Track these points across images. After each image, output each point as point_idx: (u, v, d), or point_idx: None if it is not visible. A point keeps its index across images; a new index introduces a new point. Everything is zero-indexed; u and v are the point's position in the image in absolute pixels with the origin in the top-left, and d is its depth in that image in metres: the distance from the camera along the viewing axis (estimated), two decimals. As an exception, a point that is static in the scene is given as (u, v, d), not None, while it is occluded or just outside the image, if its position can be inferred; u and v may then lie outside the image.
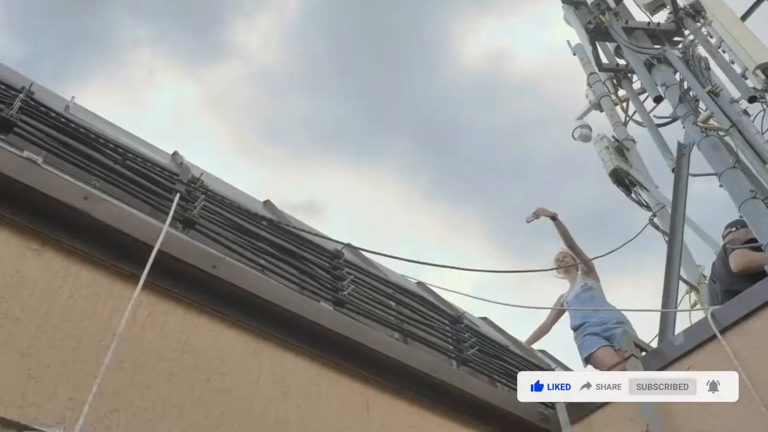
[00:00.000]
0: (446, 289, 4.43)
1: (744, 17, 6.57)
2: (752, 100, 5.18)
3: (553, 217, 5.14)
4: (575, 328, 5.08)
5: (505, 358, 4.00)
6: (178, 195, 2.85)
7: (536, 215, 5.17)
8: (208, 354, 2.31)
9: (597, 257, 5.57)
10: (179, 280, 2.36)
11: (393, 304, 3.62)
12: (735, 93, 5.34)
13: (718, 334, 2.78)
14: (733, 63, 5.90)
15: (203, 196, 3.07)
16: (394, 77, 20.46)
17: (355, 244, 3.73)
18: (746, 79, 5.80)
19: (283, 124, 20.27)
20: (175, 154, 3.90)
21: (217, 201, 3.19)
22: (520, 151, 20.41)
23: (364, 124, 20.60)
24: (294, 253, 3.27)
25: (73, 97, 3.67)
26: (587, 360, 4.92)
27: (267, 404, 2.35)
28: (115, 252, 2.24)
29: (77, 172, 2.60)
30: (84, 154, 2.73)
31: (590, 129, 6.48)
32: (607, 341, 4.83)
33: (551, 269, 5.61)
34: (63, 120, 2.83)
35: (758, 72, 5.87)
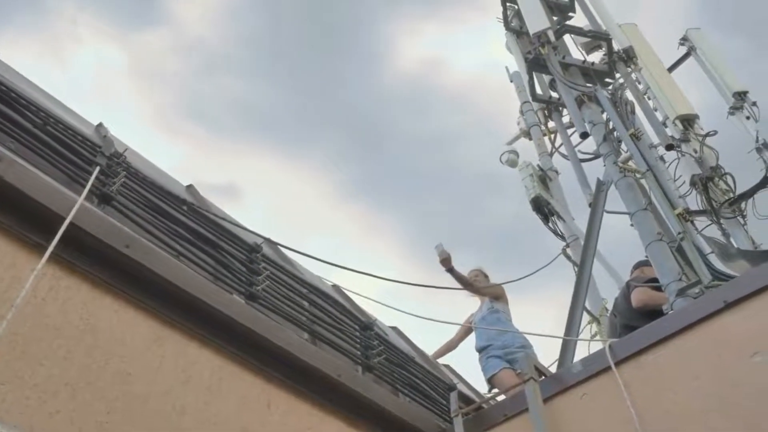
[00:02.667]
0: (361, 296, 4.47)
1: (671, 69, 6.95)
2: (669, 147, 5.46)
3: (449, 269, 5.24)
4: (480, 350, 5.25)
5: (409, 369, 4.05)
6: (98, 168, 2.76)
7: (444, 253, 5.24)
8: (109, 335, 2.24)
9: (508, 282, 5.77)
10: (89, 257, 2.27)
11: (306, 304, 3.60)
12: (654, 139, 5.62)
13: (613, 366, 2.91)
14: (656, 110, 6.22)
15: (124, 172, 2.97)
16: (329, 71, 20.40)
17: (272, 234, 3.73)
18: (666, 127, 6.13)
19: (211, 103, 19.85)
20: (100, 125, 3.76)
21: (139, 179, 3.10)
22: (445, 161, 20.75)
23: (293, 114, 20.44)
24: (212, 241, 3.21)
25: (-4, 53, 3.49)
26: (490, 381, 5.08)
27: (166, 392, 2.29)
28: (23, 219, 2.14)
29: (-8, 132, 2.47)
30: (2, 113, 2.60)
31: (517, 155, 6.69)
32: (509, 364, 5.00)
33: (462, 288, 5.74)
34: (-17, 75, 2.69)
35: (677, 122, 6.23)
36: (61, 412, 1.97)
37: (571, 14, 7.00)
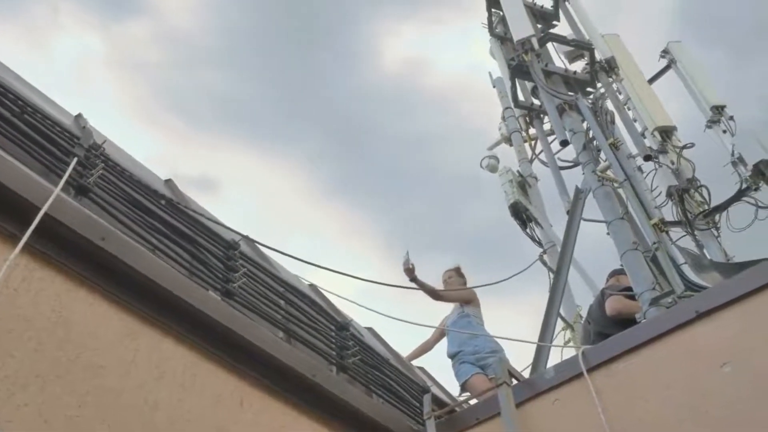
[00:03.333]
0: (338, 296, 4.47)
1: (651, 80, 7.05)
2: (647, 158, 5.53)
3: (413, 279, 5.27)
4: (451, 356, 5.28)
5: (384, 371, 4.05)
6: (75, 159, 2.72)
7: (407, 263, 5.27)
8: (82, 328, 2.21)
9: (483, 285, 5.79)
10: (63, 248, 2.24)
11: (282, 302, 3.59)
12: (633, 149, 5.69)
13: (585, 373, 2.94)
14: (635, 121, 6.30)
15: (102, 164, 2.94)
16: (311, 67, 20.33)
17: (249, 229, 3.73)
18: (645, 138, 6.21)
19: (191, 95, 19.69)
20: (79, 116, 3.71)
21: (117, 172, 3.07)
22: (425, 162, 20.80)
23: (273, 110, 20.34)
24: (189, 237, 3.19)
25: (-26, 39, 3.43)
26: (463, 386, 5.11)
27: (138, 387, 2.27)
28: (-3, 208, 2.11)
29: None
30: (-21, 100, 2.56)
31: (498, 161, 6.73)
32: (481, 369, 5.03)
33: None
34: (-40, 60, 2.64)
35: (656, 133, 6.31)
36: (29, 405, 1.94)
37: (555, 22, 7.07)
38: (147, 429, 2.23)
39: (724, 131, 6.26)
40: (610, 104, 6.02)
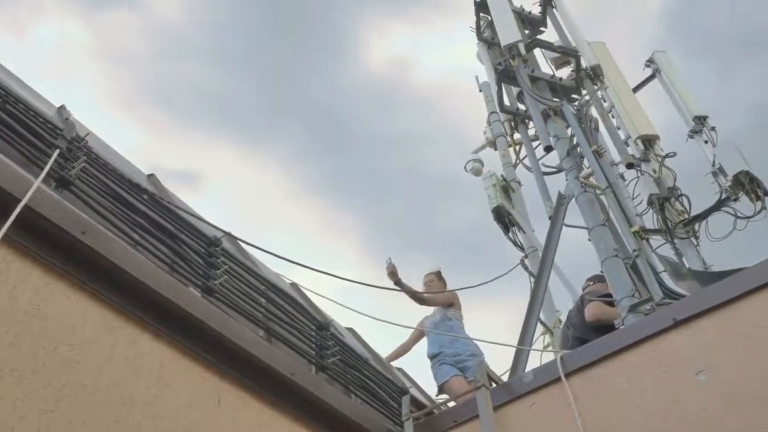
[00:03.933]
0: (319, 295, 4.46)
1: (636, 89, 7.11)
2: (630, 166, 5.58)
3: (396, 282, 5.30)
4: (431, 357, 5.30)
5: (363, 371, 4.05)
6: (57, 151, 2.70)
7: (390, 267, 5.31)
8: (59, 322, 2.19)
9: (464, 288, 5.81)
10: (43, 241, 2.22)
11: (263, 301, 3.58)
12: (616, 157, 5.73)
13: (563, 377, 2.96)
14: (619, 129, 6.35)
15: (85, 157, 2.91)
16: (297, 64, 20.16)
17: (231, 226, 3.73)
18: (628, 146, 6.26)
19: (174, 89, 19.45)
20: (62, 108, 3.68)
21: (99, 165, 3.04)
22: (408, 163, 20.73)
23: (256, 105, 20.15)
24: (171, 233, 3.17)
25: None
26: (441, 388, 5.13)
27: (115, 382, 2.25)
28: (-24, 199, 2.09)
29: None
30: (-40, 88, 2.53)
31: (482, 164, 6.75)
32: (461, 372, 5.06)
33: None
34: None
35: (639, 142, 6.37)
36: (4, 399, 1.92)
37: (542, 29, 7.12)
38: (123, 425, 2.21)
39: (706, 142, 6.33)
40: (594, 111, 6.07)
